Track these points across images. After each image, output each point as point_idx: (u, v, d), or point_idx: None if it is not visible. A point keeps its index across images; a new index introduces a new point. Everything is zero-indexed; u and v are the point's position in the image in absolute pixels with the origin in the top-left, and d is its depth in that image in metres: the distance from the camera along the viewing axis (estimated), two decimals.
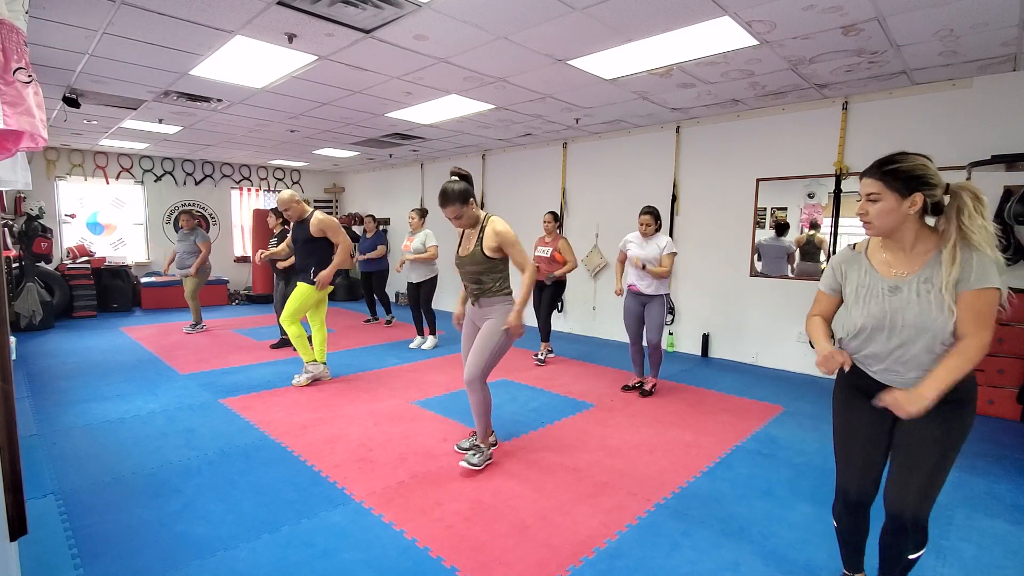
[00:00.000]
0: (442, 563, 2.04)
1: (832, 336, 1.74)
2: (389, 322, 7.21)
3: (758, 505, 2.53)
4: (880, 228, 1.53)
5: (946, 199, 1.49)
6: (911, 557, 1.63)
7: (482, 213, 2.86)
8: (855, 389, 1.68)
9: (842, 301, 1.72)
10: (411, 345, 5.85)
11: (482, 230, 2.79)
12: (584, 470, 2.86)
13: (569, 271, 5.10)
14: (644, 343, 4.18)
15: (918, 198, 1.46)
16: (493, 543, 2.17)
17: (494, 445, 3.03)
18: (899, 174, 1.46)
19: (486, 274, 2.79)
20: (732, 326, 5.47)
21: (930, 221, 1.55)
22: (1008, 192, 3.84)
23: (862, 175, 1.56)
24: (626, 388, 4.33)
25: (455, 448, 3.11)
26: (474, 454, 2.89)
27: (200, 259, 6.23)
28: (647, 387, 4.21)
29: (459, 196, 2.75)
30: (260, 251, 5.52)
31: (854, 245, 1.71)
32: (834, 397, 1.78)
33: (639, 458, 3.03)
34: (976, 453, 3.16)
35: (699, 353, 5.70)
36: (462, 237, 2.93)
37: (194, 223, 6.42)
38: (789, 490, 2.69)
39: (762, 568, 2.05)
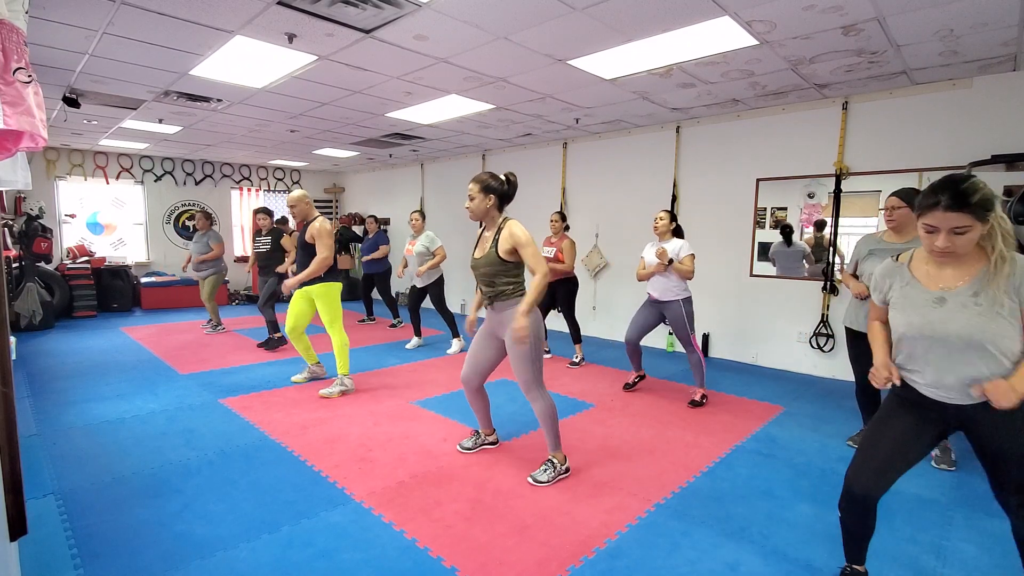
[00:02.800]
0: (442, 563, 2.04)
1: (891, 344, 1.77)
2: (395, 325, 7.14)
3: (758, 505, 2.53)
4: (963, 257, 1.54)
5: None
6: None
7: (500, 216, 2.79)
8: (904, 400, 1.71)
9: None
10: (407, 346, 5.85)
11: (499, 232, 2.73)
12: (584, 470, 2.86)
13: (561, 272, 4.91)
14: (644, 342, 4.20)
15: (992, 219, 1.48)
16: (493, 543, 2.17)
17: (567, 472, 2.80)
18: (985, 204, 1.46)
19: (499, 276, 2.73)
20: (732, 326, 5.47)
21: None
22: (1008, 192, 3.84)
23: (935, 206, 1.48)
24: (627, 386, 4.33)
25: (457, 448, 3.09)
26: (544, 470, 2.75)
27: (211, 255, 6.27)
28: (696, 397, 3.97)
29: (484, 182, 2.72)
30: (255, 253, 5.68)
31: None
32: (885, 401, 1.81)
33: (639, 458, 3.03)
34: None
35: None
36: (479, 239, 2.89)
37: (208, 224, 6.49)
38: (789, 490, 2.69)
39: (762, 568, 2.05)
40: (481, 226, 2.90)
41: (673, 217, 4.01)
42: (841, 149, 4.66)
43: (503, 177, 2.78)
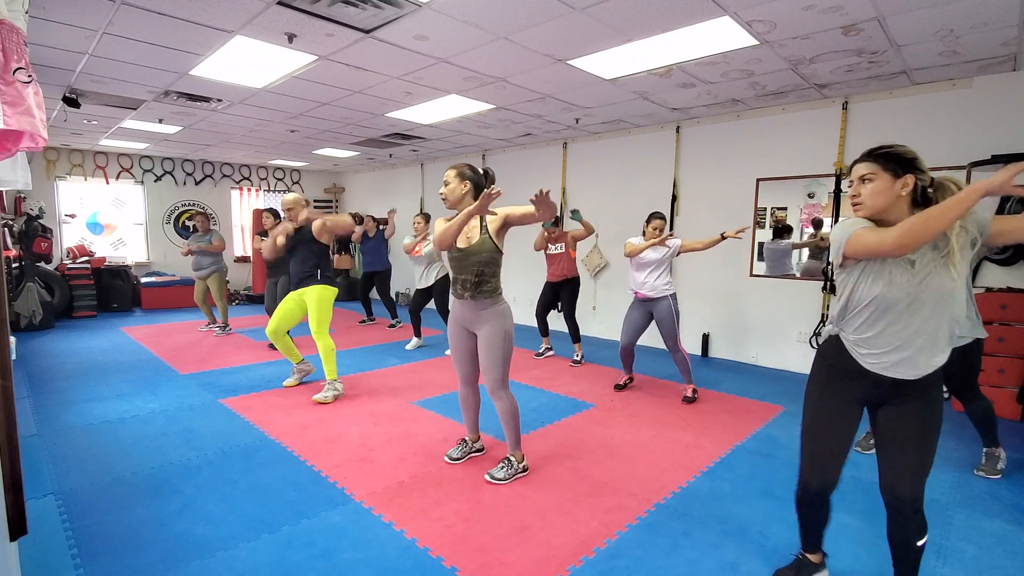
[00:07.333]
0: (442, 563, 2.04)
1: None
2: (393, 325, 7.11)
3: (758, 505, 2.53)
4: (872, 208, 1.57)
5: (931, 192, 1.56)
6: (919, 544, 1.68)
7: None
8: (837, 377, 1.71)
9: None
10: (407, 347, 5.88)
11: (482, 218, 2.64)
12: (584, 470, 2.86)
13: (585, 236, 4.97)
14: (636, 346, 4.22)
15: (910, 179, 1.53)
16: (493, 543, 2.17)
17: (524, 471, 2.79)
18: (892, 156, 1.55)
19: (489, 265, 2.62)
20: (732, 326, 5.47)
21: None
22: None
23: (853, 164, 1.63)
24: (618, 387, 4.34)
25: (445, 459, 2.94)
26: (502, 467, 2.74)
27: (214, 248, 6.24)
28: (688, 394, 4.05)
29: (460, 168, 2.65)
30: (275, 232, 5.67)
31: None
32: (812, 382, 1.79)
33: (639, 458, 3.03)
34: (976, 453, 3.16)
35: (699, 353, 5.70)
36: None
37: (208, 224, 6.46)
38: (789, 490, 2.67)
39: (762, 568, 2.05)
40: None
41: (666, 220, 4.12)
42: (841, 149, 4.66)
43: (481, 170, 2.72)
